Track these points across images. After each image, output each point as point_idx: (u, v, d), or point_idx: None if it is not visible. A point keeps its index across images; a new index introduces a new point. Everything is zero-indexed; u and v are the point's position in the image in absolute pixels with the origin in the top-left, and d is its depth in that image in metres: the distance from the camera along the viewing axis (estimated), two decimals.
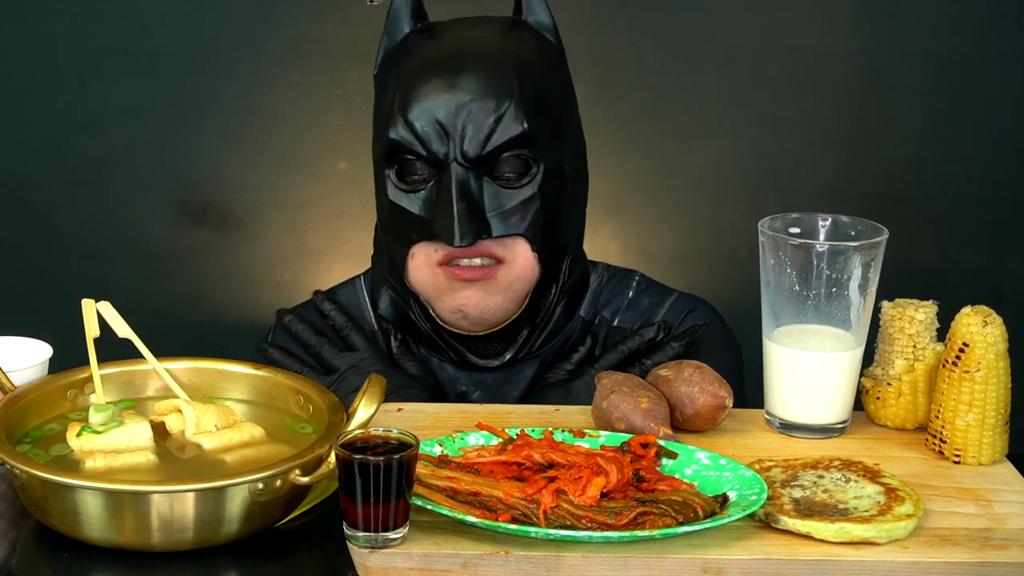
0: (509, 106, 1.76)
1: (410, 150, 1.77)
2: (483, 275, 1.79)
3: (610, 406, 1.61)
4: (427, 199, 1.78)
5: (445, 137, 1.76)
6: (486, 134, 1.76)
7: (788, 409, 1.66)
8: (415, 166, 1.79)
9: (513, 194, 1.78)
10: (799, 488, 1.49)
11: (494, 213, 1.78)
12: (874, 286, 1.63)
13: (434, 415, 1.69)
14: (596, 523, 1.39)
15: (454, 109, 1.76)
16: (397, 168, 1.80)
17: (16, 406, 1.50)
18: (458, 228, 1.74)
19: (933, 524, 1.46)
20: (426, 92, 1.77)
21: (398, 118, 1.78)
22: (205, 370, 1.61)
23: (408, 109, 1.77)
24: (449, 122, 1.76)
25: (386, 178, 1.82)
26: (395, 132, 1.78)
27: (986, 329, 1.57)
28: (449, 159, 1.76)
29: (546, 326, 1.89)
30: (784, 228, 1.64)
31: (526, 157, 1.78)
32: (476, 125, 1.76)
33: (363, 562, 1.37)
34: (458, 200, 1.75)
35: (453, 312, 1.82)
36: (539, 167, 1.79)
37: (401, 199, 1.80)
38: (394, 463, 1.34)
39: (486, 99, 1.76)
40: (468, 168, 1.76)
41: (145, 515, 1.35)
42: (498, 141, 1.76)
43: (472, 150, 1.76)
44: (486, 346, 1.87)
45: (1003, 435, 1.61)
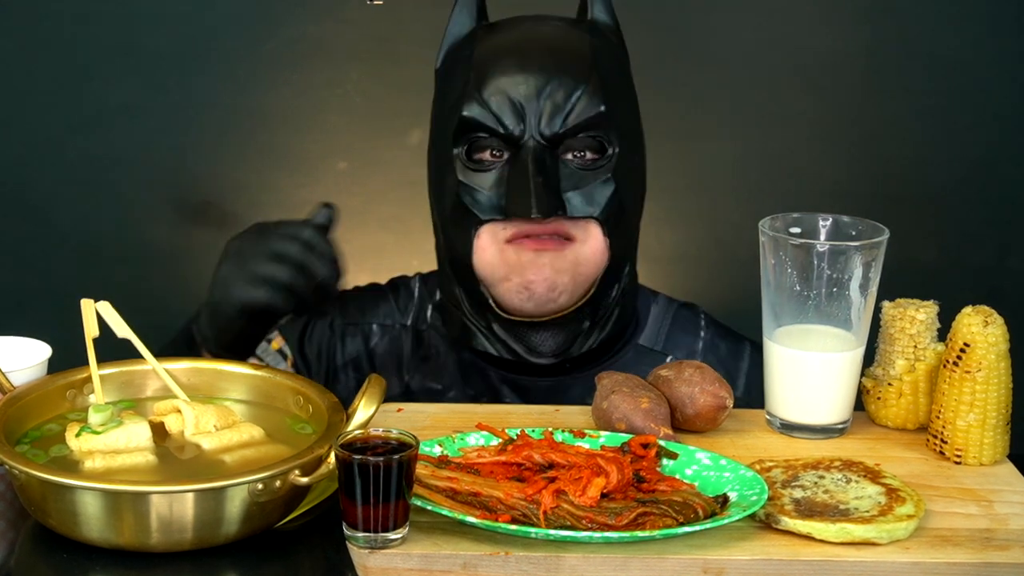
0: (586, 87, 1.76)
1: (484, 126, 1.76)
2: (554, 247, 1.77)
3: (610, 406, 1.61)
4: (499, 177, 1.77)
5: (521, 114, 1.75)
6: (564, 112, 1.75)
7: (789, 409, 1.65)
8: (488, 144, 1.77)
9: (588, 175, 1.77)
10: (800, 488, 1.49)
11: (570, 193, 1.76)
12: (875, 286, 1.63)
13: (434, 415, 1.69)
14: (596, 524, 1.39)
15: (532, 87, 1.75)
16: (467, 147, 1.78)
17: (15, 406, 1.50)
18: (535, 201, 1.71)
19: (934, 525, 1.45)
20: (502, 70, 1.76)
21: (472, 96, 1.76)
22: (204, 370, 1.61)
23: (483, 87, 1.76)
24: (526, 100, 1.75)
25: (454, 159, 1.79)
26: (469, 110, 1.76)
27: (987, 329, 1.57)
28: (525, 137, 1.75)
29: (605, 327, 1.85)
30: (785, 228, 1.64)
31: (601, 139, 1.77)
32: (554, 103, 1.75)
33: (363, 562, 1.37)
34: (535, 174, 1.73)
35: (519, 291, 1.78)
36: (614, 150, 1.78)
37: (471, 178, 1.78)
38: (394, 463, 1.34)
39: (563, 77, 1.76)
40: (544, 146, 1.75)
41: (144, 515, 1.35)
42: (576, 120, 1.75)
43: (549, 128, 1.75)
44: (541, 339, 1.82)
45: (1004, 435, 1.60)
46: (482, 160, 1.78)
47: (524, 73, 1.76)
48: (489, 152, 1.77)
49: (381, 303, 1.96)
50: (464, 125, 1.77)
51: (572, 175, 1.76)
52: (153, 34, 2.81)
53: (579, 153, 1.77)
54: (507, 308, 1.81)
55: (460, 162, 1.79)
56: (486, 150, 1.78)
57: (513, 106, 1.75)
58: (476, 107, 1.76)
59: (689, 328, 1.93)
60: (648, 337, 1.91)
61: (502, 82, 1.76)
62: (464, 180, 1.78)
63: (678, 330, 1.93)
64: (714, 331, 1.94)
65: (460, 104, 1.77)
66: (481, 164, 1.78)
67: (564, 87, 1.75)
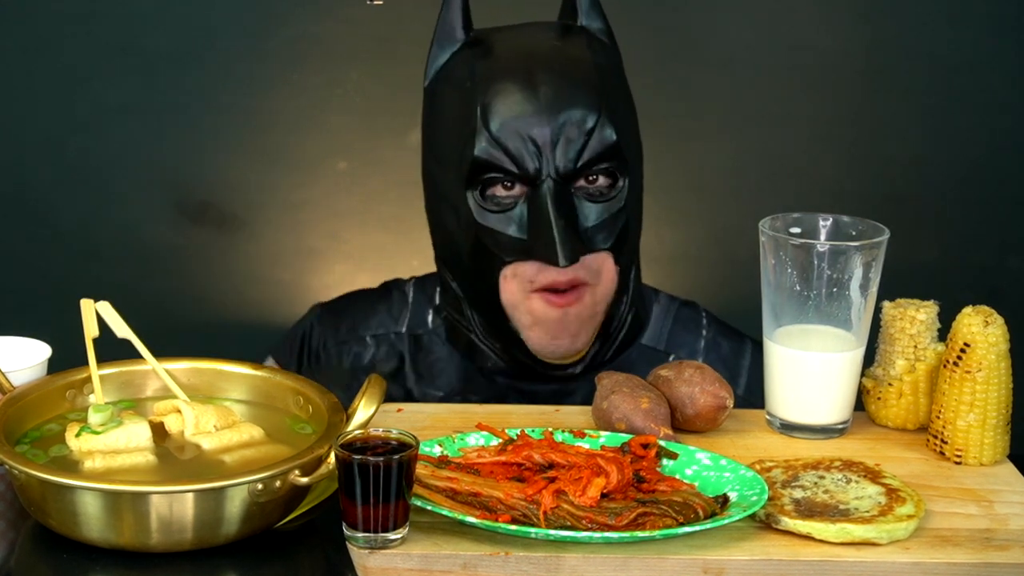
0: (599, 117, 1.72)
1: (499, 167, 1.71)
2: (573, 300, 1.75)
3: (610, 406, 1.61)
4: (519, 218, 1.72)
5: (536, 152, 1.70)
6: (578, 148, 1.71)
7: (789, 409, 1.65)
8: (502, 184, 1.73)
9: (603, 208, 1.74)
10: (800, 489, 1.48)
11: (587, 227, 1.73)
12: (875, 286, 1.63)
13: (434, 415, 1.68)
14: (596, 524, 1.39)
15: (545, 122, 1.70)
16: (480, 187, 1.74)
17: (15, 406, 1.50)
18: (560, 249, 1.68)
19: (934, 525, 1.45)
20: (510, 105, 1.71)
21: (481, 134, 1.71)
22: (204, 370, 1.61)
23: (492, 124, 1.71)
24: (540, 137, 1.70)
25: (466, 199, 1.74)
26: (480, 149, 1.71)
27: (987, 329, 1.57)
28: (542, 175, 1.71)
29: (616, 339, 1.85)
30: (785, 228, 1.64)
31: (613, 169, 1.74)
32: (568, 138, 1.71)
33: (363, 563, 1.37)
34: (556, 218, 1.69)
35: (546, 344, 1.78)
36: (625, 179, 1.75)
37: (488, 219, 1.73)
38: (394, 463, 1.34)
39: (576, 110, 1.71)
40: (560, 183, 1.71)
41: (144, 516, 1.35)
42: (591, 154, 1.72)
43: (565, 165, 1.71)
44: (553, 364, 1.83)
45: (1004, 435, 1.60)
46: (496, 198, 1.74)
47: (536, 107, 1.71)
48: (502, 187, 1.73)
49: (371, 313, 1.93)
50: (477, 166, 1.72)
51: (589, 209, 1.74)
52: (153, 34, 2.81)
53: (592, 179, 1.74)
54: (533, 350, 1.80)
55: (475, 202, 1.74)
56: (498, 185, 1.73)
57: (527, 144, 1.70)
58: (488, 146, 1.71)
59: (691, 327, 1.93)
60: (651, 336, 1.91)
61: (513, 119, 1.71)
62: (481, 222, 1.74)
63: (680, 329, 1.92)
64: (716, 329, 1.93)
65: (471, 142, 1.72)
66: (497, 203, 1.74)
67: (577, 120, 1.71)
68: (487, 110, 1.72)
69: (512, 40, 1.80)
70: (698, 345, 1.91)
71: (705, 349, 1.91)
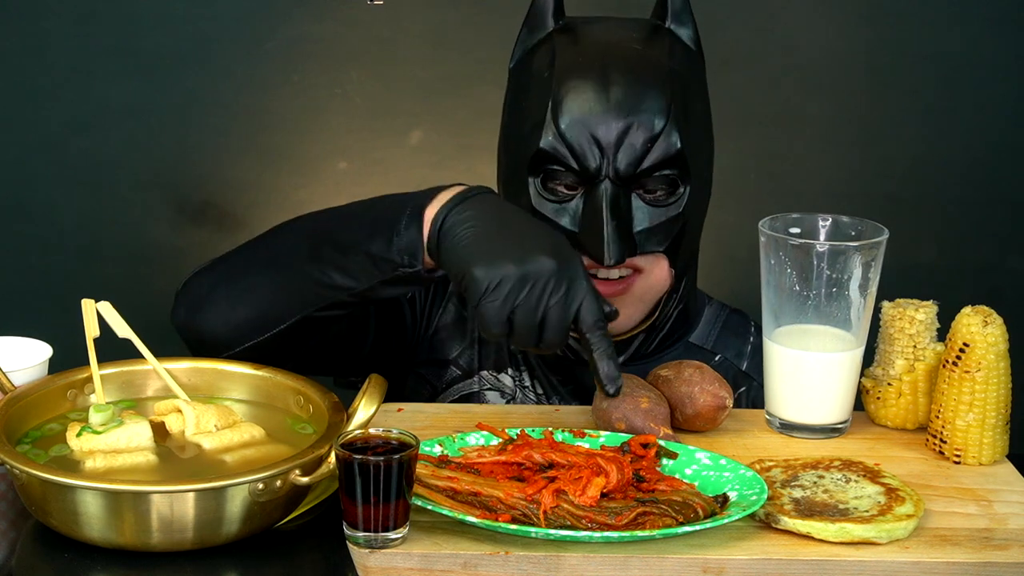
0: (665, 125, 1.73)
1: (561, 162, 1.74)
2: (622, 289, 1.77)
3: (610, 406, 1.61)
4: (574, 212, 1.75)
5: (599, 152, 1.72)
6: (641, 153, 1.73)
7: (788, 409, 1.66)
8: (563, 177, 1.75)
9: (659, 212, 1.76)
10: (799, 488, 1.49)
11: (640, 230, 1.75)
12: (874, 286, 1.63)
13: (434, 415, 1.69)
14: (596, 523, 1.39)
15: (611, 124, 1.72)
16: (542, 176, 1.77)
17: (16, 406, 1.50)
18: (608, 248, 1.70)
19: (933, 524, 1.46)
20: (580, 104, 1.74)
21: (549, 128, 1.74)
22: (205, 370, 1.61)
23: (561, 120, 1.74)
24: (605, 138, 1.72)
25: (528, 185, 1.77)
26: (546, 142, 1.74)
27: (986, 329, 1.57)
28: (602, 175, 1.73)
29: (660, 332, 1.87)
30: (784, 228, 1.64)
31: (675, 177, 1.76)
32: (631, 143, 1.72)
33: (363, 562, 1.37)
34: (609, 219, 1.71)
35: None
36: (686, 187, 1.77)
37: (545, 207, 1.76)
38: (394, 463, 1.34)
39: (643, 116, 1.73)
40: (618, 185, 1.73)
41: (145, 515, 1.35)
42: (652, 160, 1.73)
43: (625, 168, 1.72)
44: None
45: (1003, 435, 1.61)
46: (556, 190, 1.76)
47: (604, 109, 1.73)
48: (563, 184, 1.76)
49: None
50: (541, 157, 1.75)
51: (644, 212, 1.76)
52: (153, 34, 2.81)
53: (652, 190, 1.76)
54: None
55: (535, 190, 1.77)
56: (560, 180, 1.76)
57: (591, 144, 1.73)
58: (554, 141, 1.74)
59: (740, 332, 1.94)
60: (699, 336, 1.93)
61: (582, 118, 1.73)
62: (539, 208, 1.77)
63: (729, 333, 1.94)
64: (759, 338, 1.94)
65: (538, 132, 1.75)
66: (556, 194, 1.76)
67: (644, 126, 1.73)
68: (559, 105, 1.75)
69: (597, 35, 1.82)
70: (745, 349, 1.93)
71: (751, 353, 1.92)
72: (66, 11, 2.78)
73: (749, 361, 1.92)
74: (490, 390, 1.89)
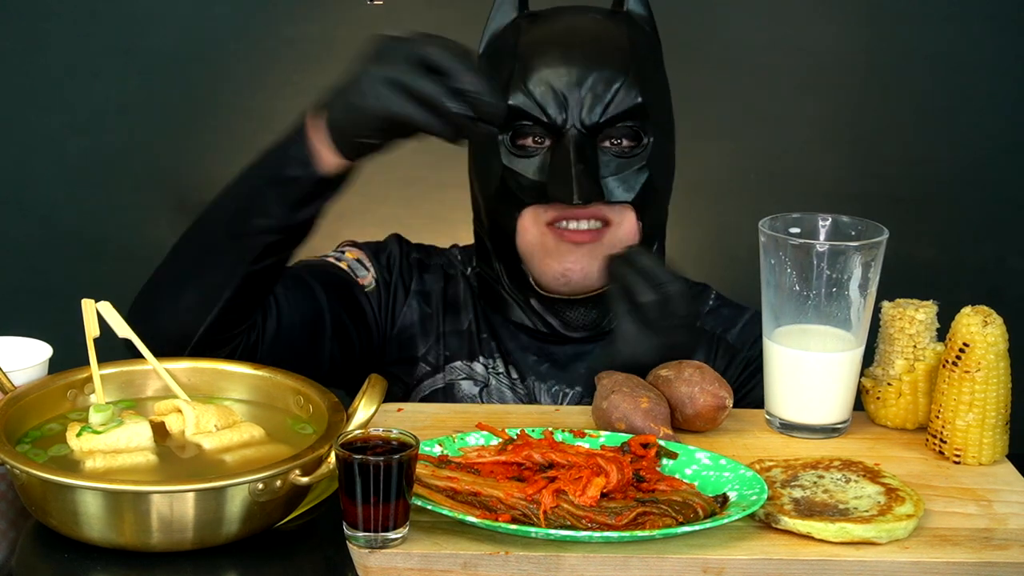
0: (625, 79, 1.84)
1: (528, 115, 1.83)
2: (591, 238, 1.85)
3: (610, 406, 1.61)
4: (542, 163, 1.84)
5: (564, 104, 1.82)
6: (604, 103, 1.83)
7: (788, 409, 1.66)
8: (532, 131, 1.84)
9: (624, 163, 1.85)
10: (799, 488, 1.49)
11: (607, 178, 1.84)
12: (874, 286, 1.63)
13: (434, 415, 1.69)
14: (596, 523, 1.39)
15: (574, 78, 1.83)
16: (512, 133, 1.86)
17: (16, 406, 1.50)
18: (576, 188, 1.79)
19: (933, 524, 1.46)
20: (545, 63, 1.85)
21: (517, 86, 1.84)
22: (205, 370, 1.61)
23: (527, 78, 1.84)
24: (568, 91, 1.83)
25: (499, 143, 1.86)
26: (514, 99, 1.84)
27: (986, 329, 1.57)
28: (567, 125, 1.82)
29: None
30: (784, 228, 1.64)
31: (638, 129, 1.85)
32: (595, 94, 1.83)
33: (363, 562, 1.37)
34: (575, 162, 1.80)
35: (557, 277, 1.86)
36: (649, 140, 1.86)
37: (515, 163, 1.85)
38: (394, 463, 1.34)
39: (604, 71, 1.84)
40: (584, 135, 1.82)
41: (145, 515, 1.35)
42: (615, 111, 1.83)
43: (589, 118, 1.82)
44: (576, 315, 1.90)
45: (1003, 435, 1.61)
46: (525, 146, 1.86)
47: (567, 65, 1.84)
48: (532, 139, 1.85)
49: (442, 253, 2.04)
50: (510, 113, 1.83)
51: (610, 162, 1.85)
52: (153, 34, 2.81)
53: (616, 141, 1.85)
54: (545, 287, 1.89)
55: (505, 148, 1.86)
56: (529, 136, 1.85)
57: (556, 96, 1.83)
58: (521, 96, 1.84)
59: (700, 300, 2.01)
60: None
61: (546, 73, 1.84)
62: (509, 165, 1.86)
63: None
64: (720, 302, 2.02)
65: (506, 93, 1.84)
66: (524, 150, 1.86)
67: (604, 79, 1.83)
68: (524, 66, 1.86)
69: (560, 17, 1.94)
70: (703, 309, 2.00)
71: (708, 314, 1.99)
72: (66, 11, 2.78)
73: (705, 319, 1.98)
74: (464, 379, 1.93)
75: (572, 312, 1.90)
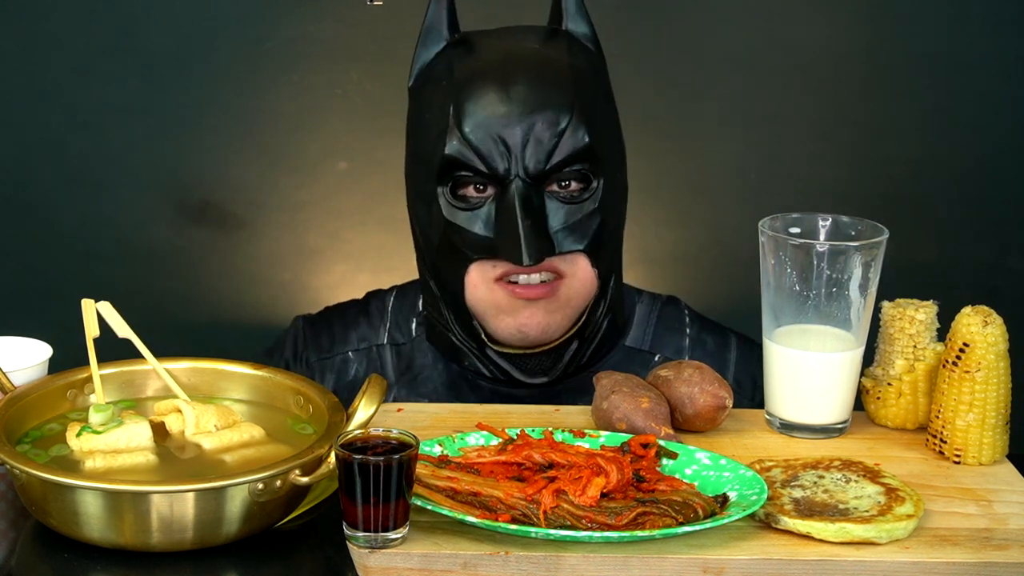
0: (571, 119, 1.72)
1: (468, 166, 1.72)
2: (545, 293, 1.75)
3: (611, 406, 1.61)
4: (487, 217, 1.73)
5: (506, 152, 1.71)
6: (549, 149, 1.71)
7: (788, 409, 1.66)
8: (472, 182, 1.74)
9: (574, 209, 1.74)
10: (799, 488, 1.49)
11: (557, 229, 1.73)
12: (874, 286, 1.63)
13: (434, 415, 1.69)
14: (596, 523, 1.39)
15: (515, 123, 1.71)
16: (451, 185, 1.75)
17: (16, 406, 1.50)
18: (525, 248, 1.69)
19: (933, 524, 1.46)
20: (483, 106, 1.72)
21: (453, 133, 1.72)
22: (205, 370, 1.61)
23: (464, 123, 1.72)
24: (510, 137, 1.70)
25: (438, 196, 1.75)
26: (451, 147, 1.72)
27: (986, 329, 1.57)
28: (511, 175, 1.71)
29: (593, 341, 1.84)
30: (784, 228, 1.64)
31: (586, 171, 1.74)
32: (538, 139, 1.71)
33: (363, 562, 1.37)
34: (523, 218, 1.69)
35: (513, 333, 1.77)
36: (599, 181, 1.75)
37: (457, 217, 1.74)
38: (394, 463, 1.34)
39: (547, 112, 1.71)
40: (529, 184, 1.71)
41: (145, 515, 1.35)
42: (561, 155, 1.72)
43: (534, 165, 1.71)
44: (534, 363, 1.82)
45: (1003, 435, 1.61)
46: (467, 197, 1.75)
47: (508, 108, 1.71)
48: (473, 187, 1.74)
49: (352, 328, 1.93)
50: (448, 164, 1.73)
51: (559, 211, 1.74)
52: (153, 34, 2.81)
53: (564, 184, 1.74)
54: (500, 342, 1.81)
55: (445, 200, 1.75)
56: (470, 186, 1.74)
57: (498, 144, 1.71)
58: (459, 145, 1.72)
59: (675, 326, 1.92)
60: (635, 338, 1.90)
61: (485, 119, 1.71)
62: (451, 219, 1.75)
63: (663, 329, 1.91)
64: (699, 326, 1.93)
65: (443, 140, 1.73)
66: (467, 202, 1.75)
67: (549, 122, 1.71)
68: (460, 109, 1.73)
69: (494, 43, 1.80)
70: (683, 343, 1.91)
71: (691, 347, 1.90)
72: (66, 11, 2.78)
73: (690, 355, 1.89)
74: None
75: (529, 361, 1.81)
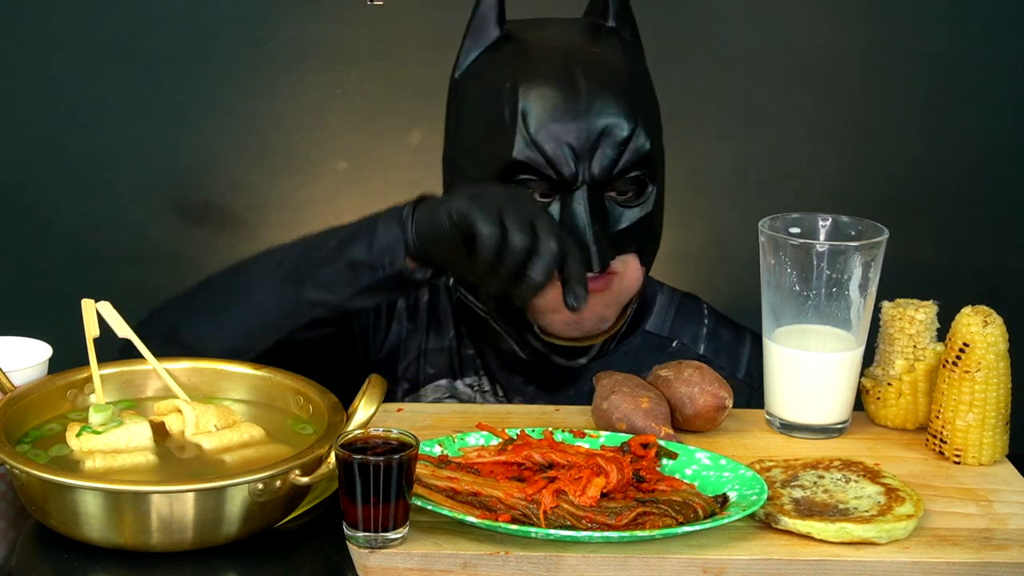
0: (635, 127, 1.74)
1: (537, 171, 1.73)
2: (603, 286, 1.77)
3: (611, 406, 1.61)
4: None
5: (574, 159, 1.72)
6: (614, 156, 1.73)
7: (788, 409, 1.66)
8: (536, 185, 1.74)
9: (631, 213, 1.77)
10: (799, 488, 1.49)
11: (615, 232, 1.76)
12: (874, 286, 1.63)
13: (434, 415, 1.69)
14: (596, 523, 1.39)
15: (584, 131, 1.72)
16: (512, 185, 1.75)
17: (16, 406, 1.50)
18: (595, 256, 1.71)
19: (933, 524, 1.46)
20: (551, 112, 1.73)
21: (521, 137, 1.73)
22: (205, 370, 1.61)
23: (533, 129, 1.73)
24: (579, 144, 1.72)
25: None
26: (519, 151, 1.73)
27: (986, 329, 1.57)
28: (578, 181, 1.73)
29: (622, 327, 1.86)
30: (784, 228, 1.64)
31: (644, 177, 1.77)
32: (605, 147, 1.73)
33: (363, 562, 1.37)
34: (590, 225, 1.72)
35: (570, 324, 1.78)
36: (654, 186, 1.78)
37: None
38: (394, 463, 1.34)
39: (613, 120, 1.73)
40: (594, 190, 1.74)
41: (145, 515, 1.35)
42: (626, 163, 1.74)
43: (601, 173, 1.73)
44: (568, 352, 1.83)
45: (1003, 435, 1.61)
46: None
47: (575, 115, 1.73)
48: (537, 193, 1.75)
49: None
50: (514, 166, 1.74)
51: (619, 216, 1.76)
52: (153, 34, 2.81)
53: (623, 191, 1.77)
54: (550, 332, 1.82)
55: None
56: (533, 189, 1.75)
57: (568, 150, 1.72)
58: (527, 149, 1.73)
59: (693, 316, 1.95)
60: (655, 324, 1.93)
61: (554, 126, 1.73)
62: None
63: (683, 318, 1.94)
64: (716, 319, 1.96)
65: (508, 142, 1.74)
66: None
67: (616, 131, 1.73)
68: (527, 114, 1.74)
69: (547, 39, 1.81)
70: (700, 332, 1.94)
71: (707, 337, 1.94)
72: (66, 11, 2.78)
73: (705, 344, 1.92)
74: (448, 398, 1.88)
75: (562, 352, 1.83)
